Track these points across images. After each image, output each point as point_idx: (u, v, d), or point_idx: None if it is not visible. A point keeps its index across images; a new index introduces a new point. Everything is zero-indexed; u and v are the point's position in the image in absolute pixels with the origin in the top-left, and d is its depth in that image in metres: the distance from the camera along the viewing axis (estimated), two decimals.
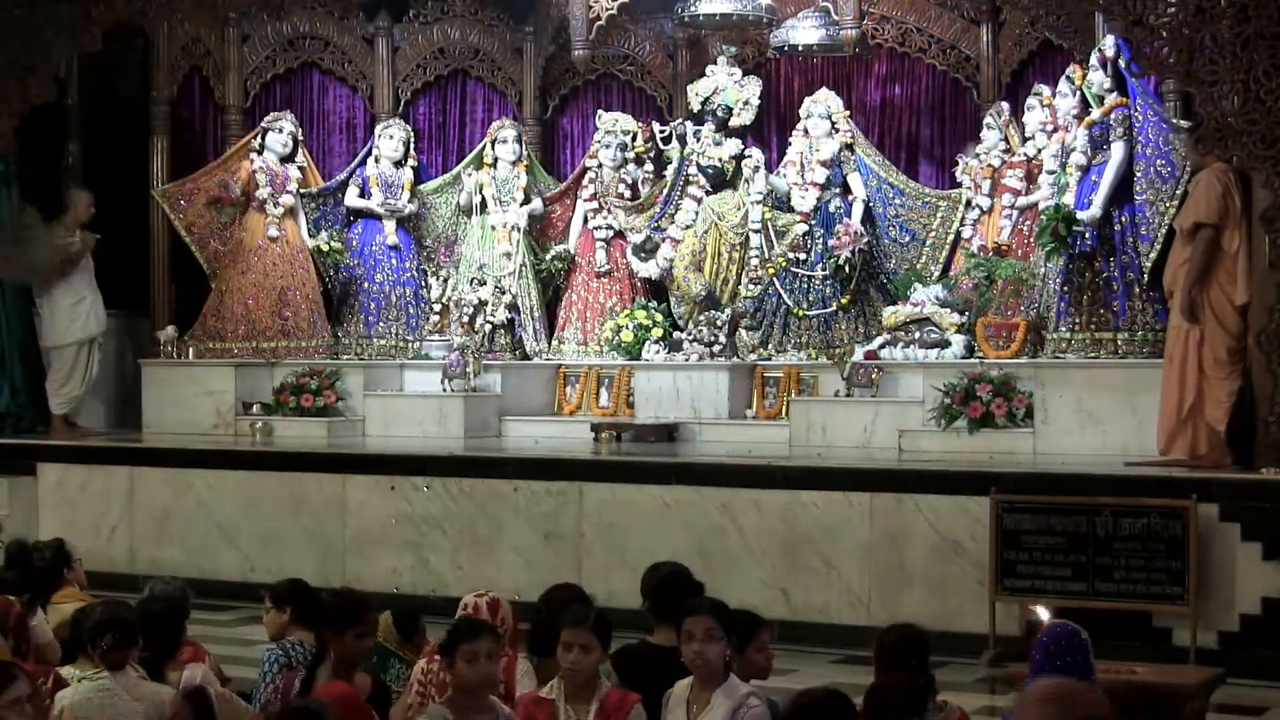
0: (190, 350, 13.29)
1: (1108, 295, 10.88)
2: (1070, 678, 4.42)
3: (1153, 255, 10.64)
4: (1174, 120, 10.65)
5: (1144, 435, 10.26)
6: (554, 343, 13.44)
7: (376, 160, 13.73)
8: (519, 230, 13.45)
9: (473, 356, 12.60)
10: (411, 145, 13.86)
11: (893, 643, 5.35)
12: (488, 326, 13.02)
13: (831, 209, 12.59)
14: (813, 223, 12.58)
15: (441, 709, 5.21)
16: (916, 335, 11.65)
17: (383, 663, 6.32)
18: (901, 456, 10.86)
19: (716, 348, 12.48)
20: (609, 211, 13.44)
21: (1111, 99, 10.92)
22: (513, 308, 13.14)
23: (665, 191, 13.26)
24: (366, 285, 13.60)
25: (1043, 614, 5.51)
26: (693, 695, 5.39)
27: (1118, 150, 10.85)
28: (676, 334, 12.85)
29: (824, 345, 12.43)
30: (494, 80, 14.31)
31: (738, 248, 13.02)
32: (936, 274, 12.45)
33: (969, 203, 12.34)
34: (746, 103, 13.10)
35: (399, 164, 13.75)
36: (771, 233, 12.81)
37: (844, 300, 12.43)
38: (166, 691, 5.83)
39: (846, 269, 12.30)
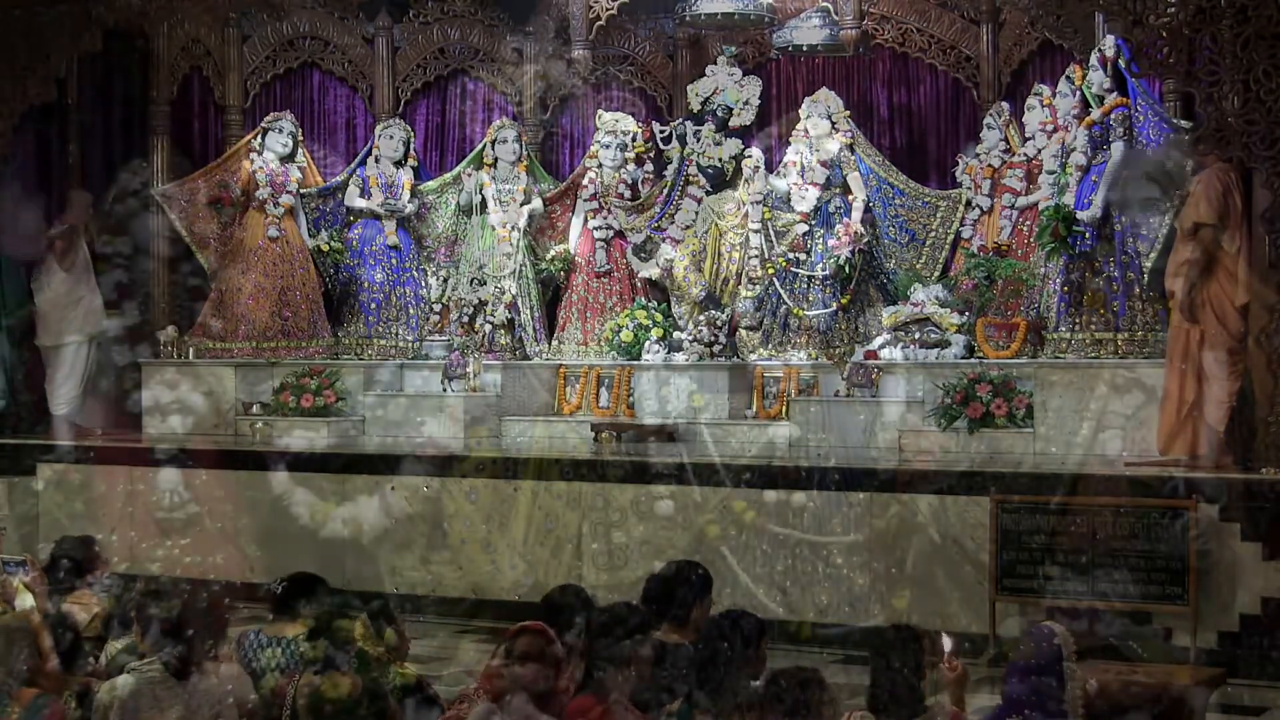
0: (190, 350, 13.28)
1: (1108, 295, 10.87)
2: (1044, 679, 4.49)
3: (1153, 255, 10.64)
4: (1174, 120, 10.65)
5: (1144, 435, 10.25)
6: (554, 343, 13.43)
7: (376, 160, 13.72)
8: (519, 230, 13.44)
9: (473, 356, 12.59)
10: (411, 145, 13.86)
11: (878, 644, 5.37)
12: (488, 326, 13.01)
13: (831, 209, 12.57)
14: (813, 223, 12.57)
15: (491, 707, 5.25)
16: (916, 335, 11.64)
17: (363, 666, 6.27)
18: (901, 456, 10.86)
19: (716, 348, 12.47)
20: (609, 212, 13.42)
21: (1111, 99, 10.92)
22: (513, 308, 13.13)
23: (665, 191, 13.25)
24: (366, 285, 13.59)
25: (946, 643, 5.51)
26: None
27: (1117, 150, 10.84)
28: (676, 334, 12.83)
29: (824, 345, 12.43)
30: (494, 80, 14.31)
31: (738, 248, 13.01)
32: (936, 274, 12.45)
33: (969, 203, 12.34)
34: (747, 103, 13.10)
35: (399, 164, 13.74)
36: (771, 233, 12.80)
37: (844, 300, 12.42)
38: (214, 683, 5.68)
39: (846, 269, 12.28)
